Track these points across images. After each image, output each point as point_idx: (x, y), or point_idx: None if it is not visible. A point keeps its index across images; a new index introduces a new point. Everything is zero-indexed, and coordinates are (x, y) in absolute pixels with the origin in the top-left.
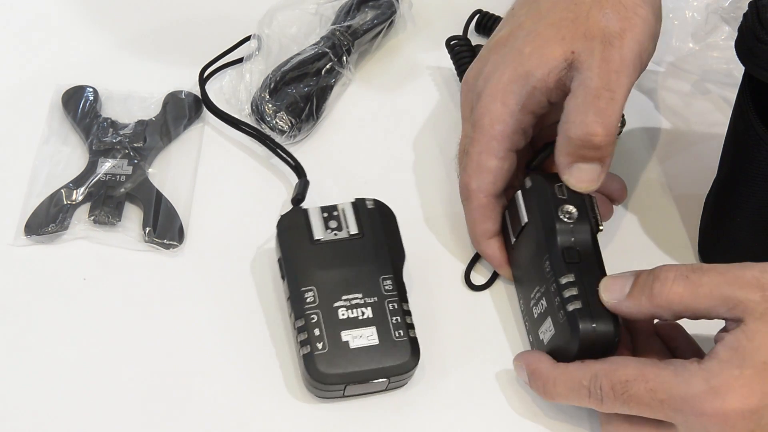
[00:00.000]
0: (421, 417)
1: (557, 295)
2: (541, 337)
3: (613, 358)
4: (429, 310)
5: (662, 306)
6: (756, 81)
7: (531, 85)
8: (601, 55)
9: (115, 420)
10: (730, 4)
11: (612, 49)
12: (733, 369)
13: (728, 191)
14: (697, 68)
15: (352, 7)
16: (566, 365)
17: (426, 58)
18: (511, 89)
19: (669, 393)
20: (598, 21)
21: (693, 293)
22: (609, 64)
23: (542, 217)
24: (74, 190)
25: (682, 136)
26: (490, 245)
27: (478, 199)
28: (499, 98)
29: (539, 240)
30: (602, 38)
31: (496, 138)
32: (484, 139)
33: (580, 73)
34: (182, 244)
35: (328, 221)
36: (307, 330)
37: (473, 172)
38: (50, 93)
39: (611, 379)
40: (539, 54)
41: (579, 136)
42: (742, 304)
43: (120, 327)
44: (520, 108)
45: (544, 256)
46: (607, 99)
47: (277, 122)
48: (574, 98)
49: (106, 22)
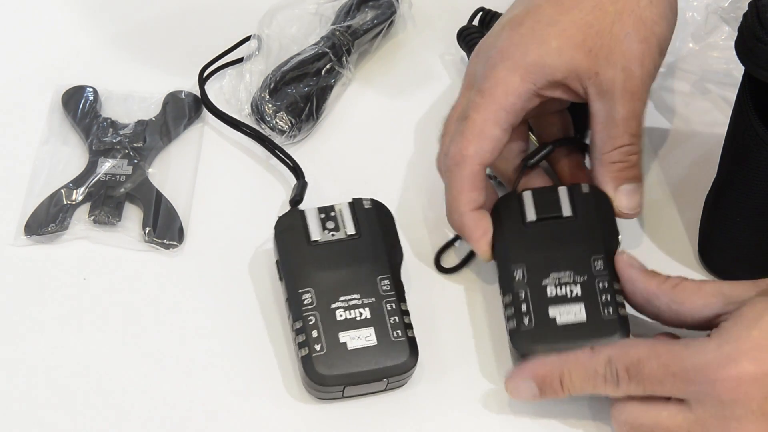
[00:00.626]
0: (420, 417)
1: (607, 294)
2: (552, 315)
3: (622, 341)
4: (428, 309)
5: (666, 291)
6: (756, 81)
7: (554, 78)
8: (623, 86)
9: (114, 420)
10: (730, 4)
11: (633, 79)
12: (741, 331)
13: (728, 191)
14: (697, 68)
15: (352, 7)
16: (575, 356)
17: (426, 58)
18: (533, 71)
19: (681, 365)
20: (620, 42)
21: (697, 289)
22: (632, 94)
23: (603, 222)
24: (74, 190)
25: (682, 136)
26: (473, 217)
27: (472, 165)
28: (519, 74)
29: (591, 239)
30: (624, 66)
31: (506, 108)
32: (493, 107)
33: (605, 102)
34: (182, 244)
35: (326, 222)
36: (305, 332)
37: (473, 137)
38: (50, 93)
39: (624, 362)
40: (567, 56)
41: (619, 159)
42: (737, 298)
43: (120, 327)
44: (535, 91)
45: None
46: (635, 126)
47: (277, 122)
48: (605, 129)
49: (107, 23)
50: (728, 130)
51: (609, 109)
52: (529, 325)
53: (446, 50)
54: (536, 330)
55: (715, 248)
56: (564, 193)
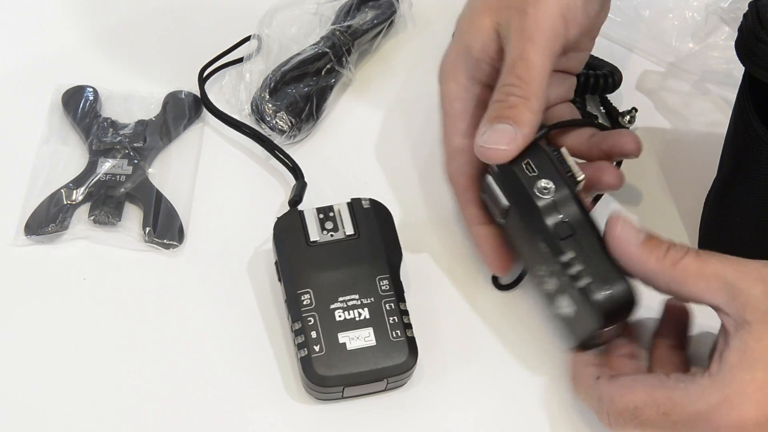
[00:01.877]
0: (420, 417)
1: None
2: (563, 312)
3: (622, 381)
4: (427, 309)
5: (665, 271)
6: (756, 81)
7: (474, 58)
8: (516, 25)
9: (114, 420)
10: (730, 5)
11: (526, 17)
12: (744, 374)
13: (728, 191)
14: (697, 68)
15: (352, 7)
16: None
17: (426, 58)
18: (457, 66)
19: (683, 413)
20: None
21: (700, 269)
22: (523, 33)
23: (521, 201)
24: (74, 190)
25: (682, 136)
26: (478, 232)
27: (458, 184)
28: (450, 77)
29: (528, 223)
30: (518, 7)
31: (457, 117)
32: (448, 121)
33: (505, 48)
34: (182, 244)
35: (324, 222)
36: (304, 332)
37: (448, 158)
38: (50, 93)
39: (618, 406)
40: (473, 27)
41: (497, 98)
42: (743, 296)
43: (120, 327)
44: (471, 82)
45: (538, 238)
46: (523, 67)
47: (277, 122)
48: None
49: (107, 23)
50: (728, 130)
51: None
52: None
53: None
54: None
55: (715, 248)
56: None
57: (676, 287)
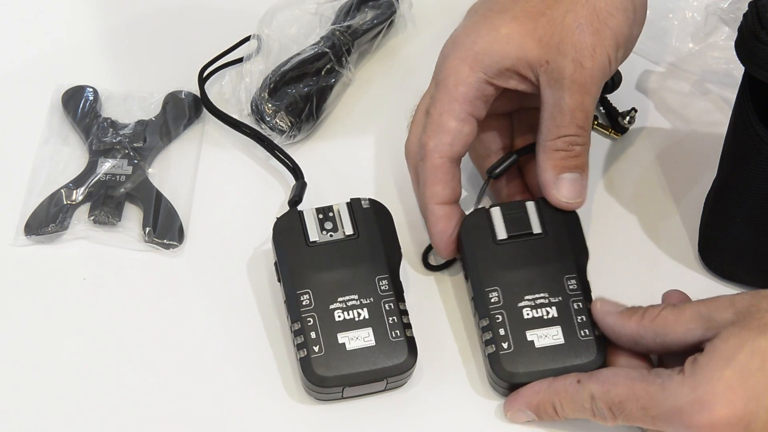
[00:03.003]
0: (420, 417)
1: (582, 315)
2: (530, 338)
3: (605, 375)
4: (427, 309)
5: (647, 327)
6: (756, 81)
7: (504, 66)
8: (572, 77)
9: (113, 420)
10: (730, 5)
11: (583, 71)
12: (714, 371)
13: (728, 191)
14: (697, 68)
15: (352, 7)
16: (563, 386)
17: (426, 58)
18: (481, 59)
19: (659, 409)
20: (572, 33)
21: (677, 317)
22: (581, 86)
23: (573, 238)
24: (74, 190)
25: (682, 136)
26: (436, 211)
27: (432, 159)
28: (468, 63)
29: (563, 257)
30: (574, 57)
31: (458, 100)
32: (446, 99)
33: (554, 92)
34: (182, 244)
35: (324, 222)
36: (304, 333)
37: (432, 132)
38: (50, 93)
39: (607, 401)
40: (516, 43)
41: (560, 147)
42: (715, 321)
43: (120, 327)
44: (486, 79)
45: (568, 274)
46: (582, 119)
47: (277, 122)
48: (551, 117)
49: (107, 23)
50: (728, 130)
51: (557, 98)
52: (509, 349)
53: None
54: (515, 354)
55: (715, 248)
56: (532, 208)
57: (661, 339)
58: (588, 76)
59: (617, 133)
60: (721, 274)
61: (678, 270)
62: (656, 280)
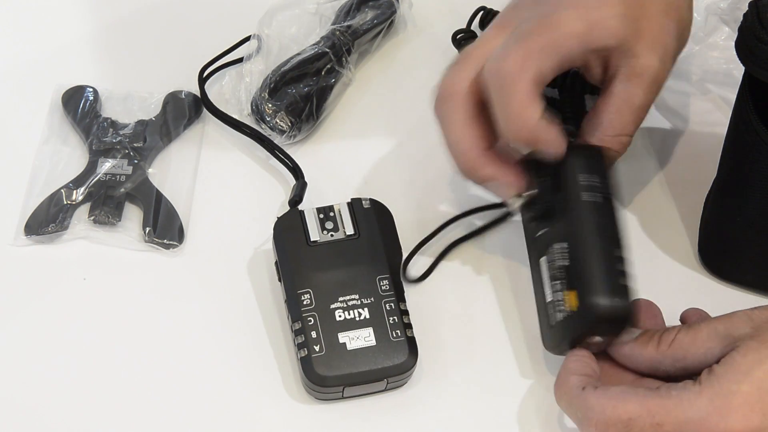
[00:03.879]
0: (420, 417)
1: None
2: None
3: (613, 391)
4: (428, 309)
5: (665, 354)
6: (756, 81)
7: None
8: (655, 76)
9: (113, 420)
10: (730, 5)
11: (665, 72)
12: (732, 385)
13: (728, 191)
14: (697, 68)
15: (352, 7)
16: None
17: (426, 58)
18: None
19: (676, 421)
20: (660, 29)
21: (693, 338)
22: (658, 86)
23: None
24: (74, 190)
25: (682, 136)
26: (489, 156)
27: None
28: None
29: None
30: (662, 57)
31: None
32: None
33: (631, 85)
34: (182, 244)
35: (324, 222)
36: (304, 332)
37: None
38: (50, 93)
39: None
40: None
41: (617, 148)
42: (733, 337)
43: (120, 327)
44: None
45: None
46: (643, 117)
47: (277, 122)
48: (619, 111)
49: (107, 22)
50: (728, 130)
51: (632, 94)
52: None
53: (446, 50)
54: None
55: (715, 248)
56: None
57: (681, 363)
58: (664, 76)
59: None
60: (721, 275)
61: (678, 270)
62: (656, 281)
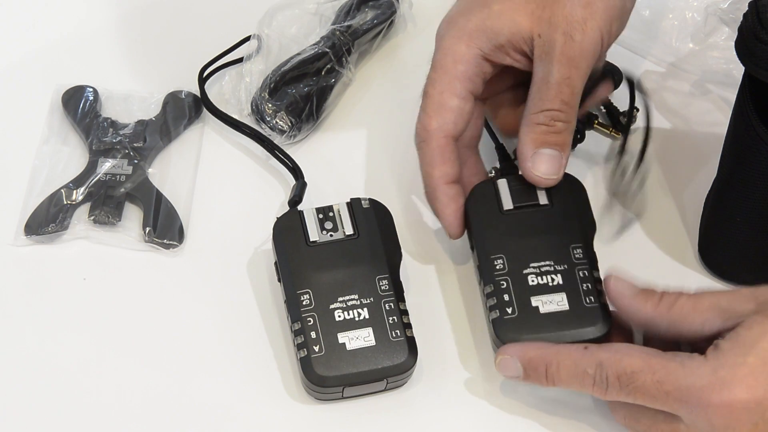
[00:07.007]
0: (420, 417)
1: (588, 282)
2: (535, 304)
3: (617, 346)
4: (427, 309)
5: (663, 315)
6: (756, 81)
7: (498, 42)
8: (561, 49)
9: (113, 420)
10: (730, 5)
11: (573, 43)
12: (737, 357)
13: (728, 191)
14: (697, 68)
15: (352, 7)
16: (567, 349)
17: (426, 58)
18: (477, 36)
19: (676, 384)
20: (563, 6)
21: (694, 306)
22: (570, 60)
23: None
24: (74, 190)
25: (682, 136)
26: (448, 191)
27: (437, 139)
28: (464, 41)
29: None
30: (564, 30)
31: (459, 78)
32: (446, 78)
33: (543, 65)
34: (182, 244)
35: (324, 222)
36: (304, 333)
37: (433, 112)
38: (50, 93)
39: (617, 369)
40: (508, 18)
41: (541, 122)
42: (737, 312)
43: (120, 327)
44: (483, 56)
45: (574, 243)
46: (568, 93)
47: (277, 122)
48: (538, 91)
49: (107, 22)
50: (728, 130)
51: (545, 71)
52: (513, 314)
53: None
54: (519, 319)
55: (715, 248)
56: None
57: (677, 328)
58: (578, 49)
59: (618, 133)
60: (721, 274)
61: (678, 270)
62: (656, 280)
